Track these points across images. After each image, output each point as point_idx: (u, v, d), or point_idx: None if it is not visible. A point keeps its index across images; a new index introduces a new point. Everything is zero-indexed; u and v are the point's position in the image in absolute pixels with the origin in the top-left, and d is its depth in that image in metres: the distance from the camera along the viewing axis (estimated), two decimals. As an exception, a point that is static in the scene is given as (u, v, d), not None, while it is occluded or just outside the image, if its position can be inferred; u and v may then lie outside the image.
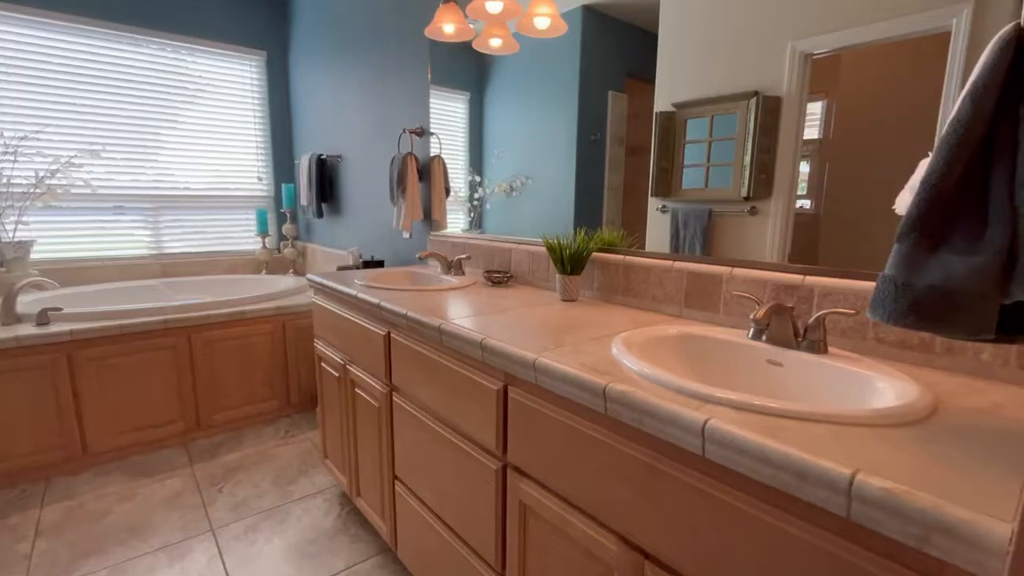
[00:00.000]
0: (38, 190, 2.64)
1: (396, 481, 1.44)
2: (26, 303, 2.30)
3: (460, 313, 1.24)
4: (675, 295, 1.24)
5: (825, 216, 1.00)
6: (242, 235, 3.46)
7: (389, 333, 1.38)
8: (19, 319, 2.13)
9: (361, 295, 1.49)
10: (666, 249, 1.28)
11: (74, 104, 2.79)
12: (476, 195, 1.95)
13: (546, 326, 1.12)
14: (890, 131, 0.91)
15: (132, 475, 2.10)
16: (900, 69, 0.89)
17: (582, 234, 1.49)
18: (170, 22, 3.00)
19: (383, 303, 1.37)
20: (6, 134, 2.63)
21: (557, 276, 1.42)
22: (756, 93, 1.07)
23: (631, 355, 0.86)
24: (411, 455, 1.34)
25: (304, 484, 2.04)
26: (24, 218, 2.65)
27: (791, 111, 1.02)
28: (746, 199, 1.11)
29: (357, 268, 2.41)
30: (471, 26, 1.73)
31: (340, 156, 2.93)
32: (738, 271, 1.11)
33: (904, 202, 0.66)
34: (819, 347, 0.89)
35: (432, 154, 2.14)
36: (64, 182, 2.75)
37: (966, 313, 0.56)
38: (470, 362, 1.09)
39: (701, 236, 1.20)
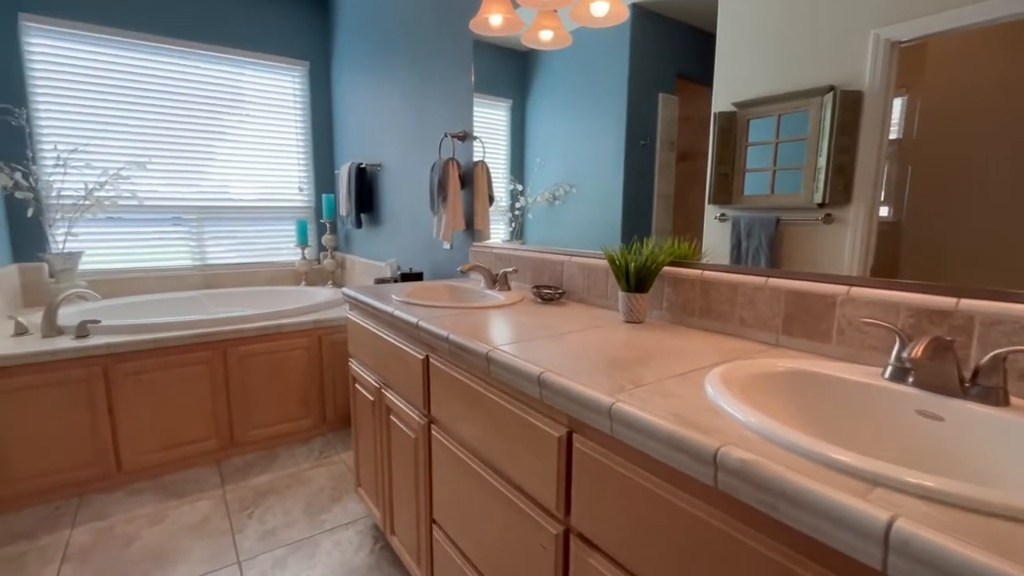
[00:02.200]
0: (87, 202, 2.66)
1: (434, 525, 1.27)
2: (69, 315, 2.28)
3: (509, 336, 1.07)
4: (770, 319, 1.02)
5: (908, 226, 0.85)
6: (283, 246, 3.42)
7: (428, 357, 1.22)
8: (60, 331, 2.10)
9: (398, 313, 1.33)
10: (726, 261, 1.13)
11: (121, 117, 2.82)
12: (518, 204, 1.81)
13: (614, 356, 0.93)
14: (985, 130, 0.76)
15: (164, 495, 2.02)
16: (998, 58, 0.74)
17: (650, 245, 1.29)
18: (215, 34, 3.00)
19: (422, 323, 1.21)
20: (59, 147, 2.67)
21: (620, 294, 1.23)
22: (832, 88, 0.93)
23: (735, 399, 0.66)
24: (452, 499, 1.17)
25: (336, 512, 1.90)
26: (73, 229, 2.67)
27: (875, 106, 0.88)
28: (820, 206, 0.96)
29: (395, 281, 2.28)
30: (520, 17, 1.57)
31: (380, 165, 2.84)
32: (857, 291, 0.89)
33: None
34: (997, 396, 0.66)
35: (476, 159, 1.99)
36: (112, 194, 2.77)
37: None
38: (525, 399, 0.91)
39: (767, 247, 1.05)
